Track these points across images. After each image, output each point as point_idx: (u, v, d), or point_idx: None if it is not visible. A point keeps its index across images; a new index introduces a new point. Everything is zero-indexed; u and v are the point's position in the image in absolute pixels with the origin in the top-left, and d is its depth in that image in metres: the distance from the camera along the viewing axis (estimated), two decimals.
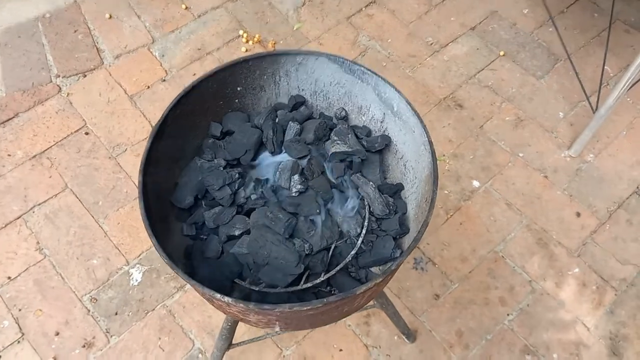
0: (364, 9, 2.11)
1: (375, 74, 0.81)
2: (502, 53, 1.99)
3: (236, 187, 0.78)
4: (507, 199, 1.71)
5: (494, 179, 1.75)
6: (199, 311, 1.52)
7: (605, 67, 1.79)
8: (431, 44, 2.03)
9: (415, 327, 1.51)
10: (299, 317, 0.67)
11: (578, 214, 1.69)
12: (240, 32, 2.01)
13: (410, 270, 1.60)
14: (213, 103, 0.84)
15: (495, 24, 2.08)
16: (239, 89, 0.85)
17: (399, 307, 1.44)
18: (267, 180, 0.79)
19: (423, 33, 2.05)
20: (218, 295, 0.60)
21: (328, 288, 0.79)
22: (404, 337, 1.49)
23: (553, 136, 1.83)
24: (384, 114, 0.82)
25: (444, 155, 1.77)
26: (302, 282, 0.75)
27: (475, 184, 1.74)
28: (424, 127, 0.74)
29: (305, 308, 0.60)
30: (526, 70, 1.97)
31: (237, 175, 0.78)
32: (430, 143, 0.72)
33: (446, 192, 1.73)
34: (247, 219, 0.78)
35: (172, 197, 0.80)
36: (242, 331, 1.48)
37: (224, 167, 0.81)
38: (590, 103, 1.76)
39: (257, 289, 0.72)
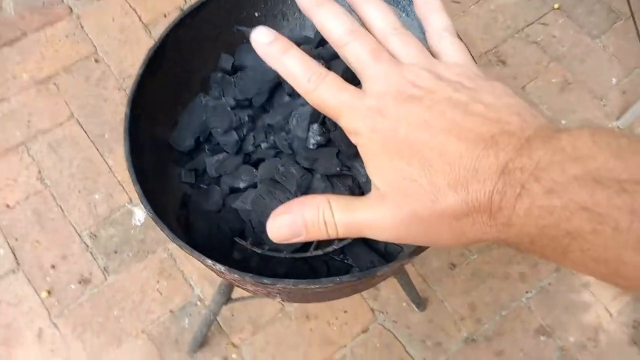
0: None
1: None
2: (556, 6, 1.79)
3: (244, 133, 0.67)
4: None
5: None
6: None
7: None
8: None
9: (426, 296, 1.43)
10: (303, 292, 0.57)
11: None
12: None
13: None
14: (225, 29, 0.71)
15: None
16: (256, 14, 0.72)
17: (411, 274, 1.35)
18: (281, 127, 0.67)
19: None
20: (209, 262, 0.50)
21: (341, 256, 0.68)
22: (413, 305, 1.41)
23: (602, 104, 1.66)
24: None
25: None
26: (311, 249, 0.64)
27: None
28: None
29: (312, 286, 0.50)
30: (581, 28, 1.77)
31: (246, 119, 0.67)
32: None
33: None
34: (254, 170, 0.67)
35: (170, 137, 0.69)
36: None
37: (233, 108, 0.69)
38: None
39: (259, 251, 0.61)
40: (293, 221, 0.44)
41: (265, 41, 0.43)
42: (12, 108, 1.60)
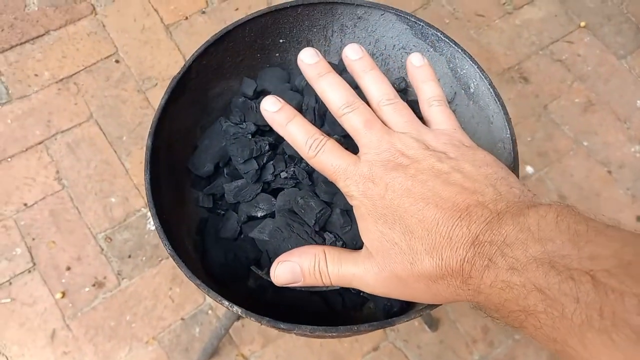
0: None
1: (455, 44, 0.65)
2: (582, 24, 1.75)
3: (264, 161, 0.66)
4: (562, 190, 1.55)
5: (550, 166, 1.58)
6: None
7: None
8: (504, 3, 1.80)
9: (438, 317, 1.41)
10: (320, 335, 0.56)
11: (638, 219, 1.52)
12: None
13: None
14: (249, 54, 0.70)
15: None
16: (281, 41, 0.71)
17: None
18: (301, 157, 0.66)
19: None
20: (226, 303, 0.49)
21: (357, 291, 0.67)
22: (425, 325, 1.39)
23: (625, 127, 1.62)
24: (455, 93, 0.67)
25: None
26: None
27: (529, 169, 1.57)
28: (509, 120, 0.59)
29: (329, 334, 0.49)
30: (607, 47, 1.73)
31: (266, 147, 0.65)
32: (514, 142, 0.57)
33: None
34: (272, 199, 0.66)
35: (189, 162, 0.68)
36: None
37: (253, 135, 0.68)
38: None
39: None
40: (292, 269, 0.50)
41: (272, 109, 0.50)
42: (32, 106, 1.61)
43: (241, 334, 1.39)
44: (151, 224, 1.50)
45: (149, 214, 1.51)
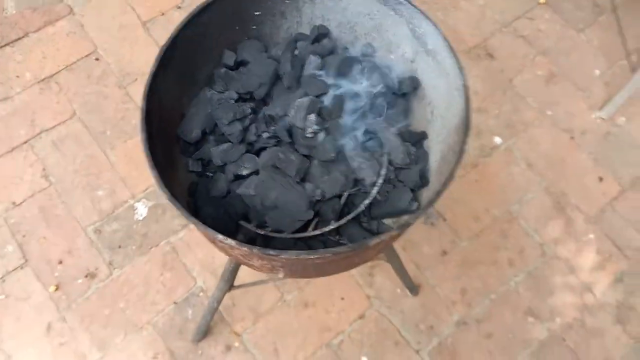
0: None
1: (412, 5, 0.72)
2: (542, 1, 1.85)
3: (247, 123, 0.72)
4: (529, 159, 1.64)
5: (517, 136, 1.67)
6: (202, 250, 1.50)
7: None
8: None
9: (419, 282, 1.48)
10: (304, 264, 0.63)
11: (600, 179, 1.61)
12: None
13: (420, 224, 1.55)
14: (228, 27, 0.76)
15: None
16: (257, 13, 0.77)
17: (404, 261, 1.41)
18: (281, 118, 0.73)
19: None
20: (220, 237, 0.55)
21: (337, 237, 0.74)
22: (407, 291, 1.46)
23: (585, 95, 1.72)
24: (416, 52, 0.74)
25: None
26: (310, 229, 0.70)
27: (497, 140, 1.66)
28: (461, 68, 0.66)
29: (312, 257, 0.55)
30: (567, 22, 1.83)
31: (249, 110, 0.72)
32: (466, 87, 0.65)
33: (465, 146, 1.65)
34: (256, 158, 0.73)
35: (178, 129, 0.74)
36: (245, 274, 1.46)
37: (236, 101, 0.74)
38: (629, 62, 1.65)
39: (262, 232, 0.67)
40: None
41: None
42: (15, 107, 1.64)
43: (232, 312, 1.44)
44: (139, 214, 1.54)
45: (136, 204, 1.56)
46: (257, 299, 1.46)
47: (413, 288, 1.45)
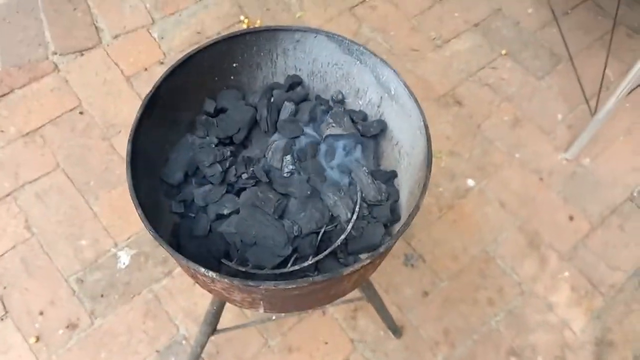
0: (367, 0, 2.10)
1: (374, 55, 0.79)
2: (504, 52, 1.98)
3: (227, 165, 0.77)
4: (501, 199, 1.70)
5: (489, 178, 1.74)
6: (185, 297, 1.51)
7: (606, 70, 1.78)
8: (434, 38, 2.01)
9: (402, 324, 1.50)
10: (284, 296, 0.65)
11: (571, 218, 1.68)
12: (242, 17, 1.99)
13: (400, 266, 1.59)
14: (208, 78, 0.82)
15: (498, 22, 2.06)
16: (235, 65, 0.84)
17: (386, 303, 1.43)
18: (258, 159, 0.78)
19: (426, 27, 2.04)
20: (202, 270, 0.58)
21: (316, 273, 0.78)
22: (390, 333, 1.48)
23: (550, 138, 1.82)
24: (381, 97, 0.81)
25: (440, 152, 1.76)
26: (289, 265, 0.73)
27: (470, 182, 1.73)
28: (421, 110, 0.73)
29: (290, 287, 0.59)
30: (527, 70, 1.96)
31: (228, 153, 0.77)
32: (426, 127, 0.71)
33: (440, 189, 1.72)
34: (237, 198, 0.77)
35: (161, 172, 0.79)
36: (228, 318, 1.47)
37: (216, 145, 0.79)
38: (589, 106, 1.76)
39: (243, 269, 0.70)
40: None
41: None
42: None
43: None
44: (122, 263, 1.55)
45: (119, 253, 1.57)
46: (241, 345, 1.46)
47: (396, 330, 1.47)
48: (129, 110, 1.78)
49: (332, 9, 2.05)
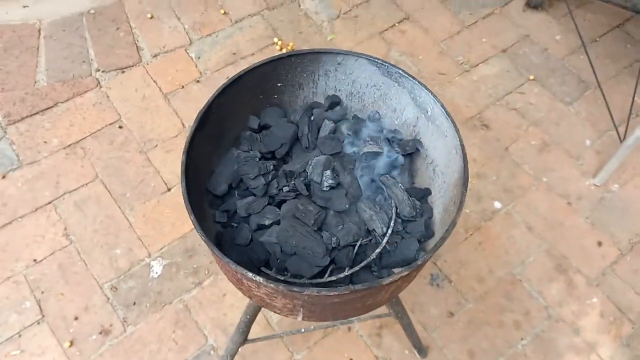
0: (397, 24, 2.15)
1: (413, 78, 0.83)
2: (531, 77, 2.01)
3: (270, 178, 0.81)
4: (528, 222, 1.71)
5: (516, 201, 1.75)
6: (214, 308, 1.55)
7: (635, 97, 1.79)
8: (461, 63, 2.05)
9: (426, 344, 1.51)
10: (323, 304, 0.68)
11: (599, 243, 1.68)
12: (275, 39, 2.06)
13: (426, 286, 1.60)
14: (253, 96, 0.87)
15: (526, 48, 2.10)
16: (279, 84, 0.89)
17: (412, 322, 1.45)
18: (299, 173, 0.82)
19: (454, 52, 2.08)
20: (250, 275, 0.62)
21: (350, 285, 0.81)
22: (415, 352, 1.49)
23: (578, 163, 1.83)
24: (417, 118, 0.85)
25: None
26: (326, 275, 0.76)
27: (497, 205, 1.74)
28: (457, 130, 0.76)
29: (332, 293, 0.62)
30: (555, 96, 1.98)
31: (271, 167, 0.81)
32: (462, 146, 0.74)
33: (467, 211, 1.73)
34: (277, 210, 0.81)
35: (207, 183, 0.83)
36: (256, 330, 1.50)
37: (259, 159, 0.84)
38: (618, 132, 1.76)
39: (282, 278, 0.74)
40: None
41: None
42: (42, 170, 1.75)
43: None
44: (154, 272, 1.60)
45: (152, 263, 1.62)
46: (267, 358, 1.48)
47: (421, 349, 1.48)
48: (166, 126, 1.86)
49: (362, 32, 2.12)
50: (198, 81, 1.96)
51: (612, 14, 2.19)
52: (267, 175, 0.81)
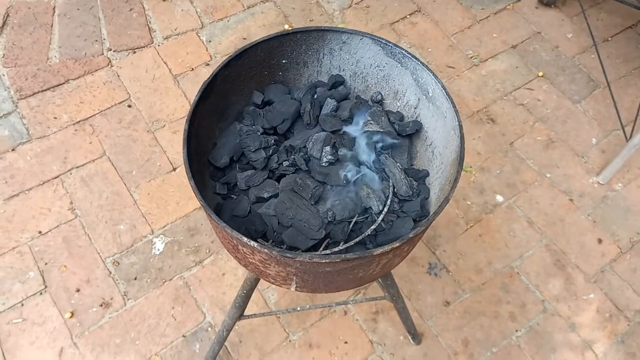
0: (408, 16, 2.16)
1: (415, 59, 0.84)
2: (540, 74, 2.01)
3: (270, 152, 0.83)
4: (529, 217, 1.72)
5: (518, 195, 1.76)
6: (214, 287, 1.57)
7: None
8: (471, 57, 2.05)
9: (421, 331, 1.53)
10: (315, 272, 0.70)
11: (599, 241, 1.68)
12: (286, 26, 2.08)
13: (424, 275, 1.62)
14: (258, 72, 0.88)
15: (537, 45, 2.10)
16: (284, 61, 0.90)
17: (408, 309, 1.46)
18: (299, 149, 0.83)
19: (464, 46, 2.08)
20: (245, 239, 0.64)
21: (342, 254, 0.82)
22: (409, 338, 1.50)
23: (583, 161, 1.83)
24: (419, 99, 0.86)
25: (470, 167, 1.79)
26: (321, 249, 0.78)
27: (499, 198, 1.75)
28: (456, 110, 0.77)
29: (324, 261, 0.63)
30: (563, 93, 1.97)
31: (272, 141, 0.83)
32: (461, 127, 0.75)
33: (469, 202, 1.74)
34: (277, 183, 0.83)
35: (209, 155, 0.85)
36: (253, 310, 1.52)
37: (262, 133, 0.85)
38: (624, 132, 1.76)
39: (278, 249, 0.75)
40: None
41: None
42: (50, 145, 1.78)
43: (238, 349, 1.49)
44: (156, 249, 1.63)
45: (154, 239, 1.65)
46: (263, 337, 1.50)
47: (415, 336, 1.49)
48: (174, 107, 1.88)
49: (373, 22, 2.12)
50: (208, 64, 1.98)
51: (625, 14, 2.18)
52: (267, 149, 0.83)
